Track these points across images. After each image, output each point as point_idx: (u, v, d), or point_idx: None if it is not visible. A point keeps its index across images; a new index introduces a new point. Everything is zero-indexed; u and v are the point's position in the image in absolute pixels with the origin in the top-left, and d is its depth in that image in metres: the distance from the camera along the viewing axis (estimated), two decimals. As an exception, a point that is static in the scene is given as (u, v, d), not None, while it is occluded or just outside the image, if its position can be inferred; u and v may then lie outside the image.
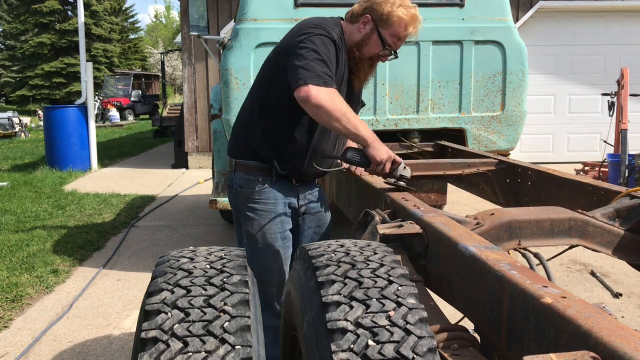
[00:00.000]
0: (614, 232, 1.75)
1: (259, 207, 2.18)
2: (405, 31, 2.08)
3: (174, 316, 1.09)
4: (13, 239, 5.28)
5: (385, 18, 2.05)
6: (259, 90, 2.20)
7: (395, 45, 2.11)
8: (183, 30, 9.56)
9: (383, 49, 2.09)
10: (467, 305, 1.36)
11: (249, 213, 2.19)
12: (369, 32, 2.09)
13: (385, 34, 2.08)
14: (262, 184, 2.17)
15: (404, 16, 2.04)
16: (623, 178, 5.86)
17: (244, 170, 2.21)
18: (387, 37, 2.08)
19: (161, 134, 16.21)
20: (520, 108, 3.90)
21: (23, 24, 29.74)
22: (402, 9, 2.05)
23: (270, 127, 2.14)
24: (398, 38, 2.10)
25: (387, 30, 2.08)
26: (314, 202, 2.33)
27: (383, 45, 2.09)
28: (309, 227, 2.34)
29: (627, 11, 9.51)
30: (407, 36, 2.11)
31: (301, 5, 3.67)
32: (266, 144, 2.15)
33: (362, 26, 2.10)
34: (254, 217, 2.19)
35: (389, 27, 2.07)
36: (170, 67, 32.72)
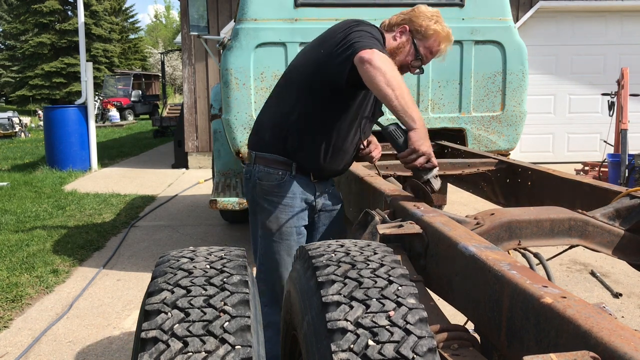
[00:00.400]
0: (614, 232, 1.75)
1: (276, 200, 2.19)
2: (439, 46, 2.17)
3: (174, 316, 1.09)
4: (13, 239, 5.28)
5: (423, 31, 2.15)
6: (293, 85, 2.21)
7: (426, 58, 2.19)
8: (183, 30, 9.56)
9: (415, 59, 2.17)
10: (467, 305, 1.36)
11: (266, 205, 2.20)
12: (404, 41, 2.17)
13: (420, 46, 2.16)
14: (281, 177, 2.18)
15: (440, 31, 2.14)
16: (623, 178, 5.86)
17: (263, 162, 2.21)
18: (421, 49, 2.17)
19: (161, 134, 16.22)
20: (520, 108, 3.90)
21: (23, 24, 29.74)
22: (439, 25, 2.16)
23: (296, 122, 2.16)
24: (430, 52, 2.18)
25: (422, 42, 2.16)
26: (330, 200, 2.34)
27: (416, 55, 2.16)
28: (324, 224, 2.35)
29: (627, 11, 9.51)
30: (439, 52, 2.19)
31: (301, 5, 3.67)
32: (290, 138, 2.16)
33: (399, 35, 2.17)
34: (271, 209, 2.20)
35: (425, 39, 2.16)
36: (170, 67, 32.72)
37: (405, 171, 2.72)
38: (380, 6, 3.79)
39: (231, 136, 3.69)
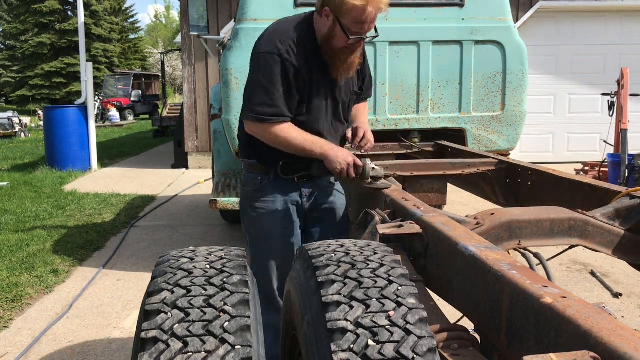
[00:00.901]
0: (614, 232, 1.75)
1: (257, 205, 2.23)
2: (365, 14, 1.93)
3: (174, 316, 1.09)
4: (13, 239, 5.28)
5: (340, 7, 1.94)
6: None
7: (362, 30, 1.99)
8: (183, 30, 9.56)
9: (348, 39, 1.99)
10: (467, 305, 1.36)
11: (249, 210, 2.26)
12: (331, 24, 1.99)
13: (347, 23, 1.96)
14: (260, 181, 2.22)
15: (357, 2, 1.91)
16: (623, 178, 5.86)
17: (247, 169, 2.29)
18: (350, 27, 1.97)
19: (161, 134, 16.21)
20: (520, 108, 3.90)
21: (23, 24, 29.74)
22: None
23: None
24: (362, 22, 1.97)
25: (346, 19, 1.95)
26: (323, 198, 2.31)
27: (347, 35, 1.98)
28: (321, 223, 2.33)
29: (627, 11, 9.51)
30: (370, 17, 1.96)
31: (301, 5, 3.67)
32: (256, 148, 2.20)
33: (326, 19, 2.01)
34: (253, 214, 2.25)
35: (347, 15, 1.94)
36: (170, 67, 32.72)
37: (405, 171, 2.72)
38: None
39: (231, 136, 3.69)
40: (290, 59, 2.01)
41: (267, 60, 2.01)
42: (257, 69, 2.06)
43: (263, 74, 2.03)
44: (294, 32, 2.06)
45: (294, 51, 2.03)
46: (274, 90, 2.01)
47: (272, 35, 2.07)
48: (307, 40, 2.06)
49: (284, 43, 2.02)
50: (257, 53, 2.07)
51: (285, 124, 2.06)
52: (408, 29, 3.74)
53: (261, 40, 2.10)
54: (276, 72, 2.00)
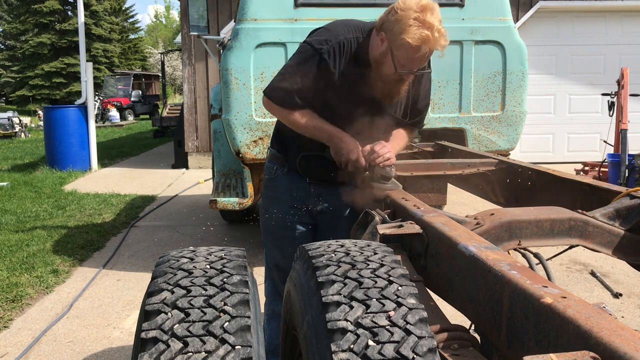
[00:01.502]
0: (614, 232, 1.75)
1: (268, 193, 2.35)
2: (418, 53, 1.87)
3: (174, 316, 1.09)
4: (13, 239, 5.28)
5: (396, 41, 1.87)
6: None
7: (413, 65, 1.93)
8: (183, 30, 9.56)
9: (395, 72, 1.93)
10: (467, 305, 1.36)
11: (263, 198, 2.39)
12: (384, 50, 1.93)
13: (398, 55, 1.90)
14: (275, 172, 2.31)
15: (411, 41, 1.83)
16: (623, 178, 5.86)
17: (268, 157, 2.38)
18: (401, 59, 1.90)
19: (161, 134, 16.21)
20: (520, 108, 3.90)
21: (23, 24, 29.75)
22: (413, 29, 1.83)
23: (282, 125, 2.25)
24: (413, 60, 1.91)
25: (399, 52, 1.89)
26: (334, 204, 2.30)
27: (395, 67, 1.92)
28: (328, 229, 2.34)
29: (627, 11, 9.51)
30: (423, 56, 1.90)
31: (301, 5, 3.67)
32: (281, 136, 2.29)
33: (380, 43, 1.95)
34: (265, 201, 2.37)
35: (401, 49, 1.88)
36: (170, 67, 32.72)
37: (405, 171, 2.72)
38: (380, 6, 3.78)
39: (231, 136, 3.69)
40: (329, 61, 2.00)
41: (307, 53, 2.03)
42: (293, 57, 2.10)
43: (296, 64, 2.06)
44: (346, 38, 2.03)
45: (335, 56, 2.01)
46: (300, 82, 2.03)
47: (325, 32, 2.07)
48: (355, 51, 2.03)
49: (329, 43, 2.01)
50: (305, 41, 2.09)
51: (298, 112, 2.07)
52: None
53: (316, 31, 2.11)
54: (308, 67, 2.02)
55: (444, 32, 1.88)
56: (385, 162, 1.99)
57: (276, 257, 2.33)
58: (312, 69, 2.02)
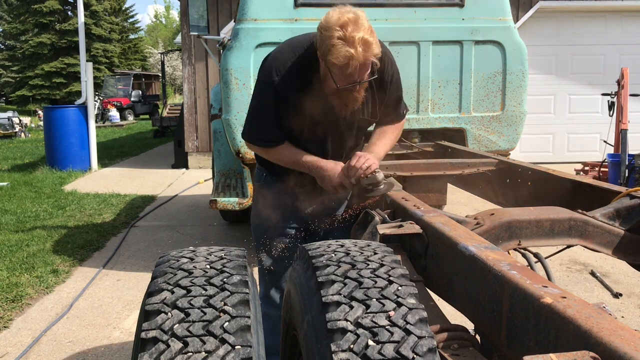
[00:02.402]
0: (614, 232, 1.75)
1: (259, 198, 2.38)
2: (349, 69, 1.82)
3: (174, 316, 1.09)
4: (13, 239, 5.28)
5: (326, 57, 1.85)
6: None
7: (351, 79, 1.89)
8: (183, 30, 9.56)
9: (337, 87, 1.91)
10: (467, 305, 1.36)
11: (253, 203, 2.44)
12: (324, 68, 1.93)
13: (335, 74, 1.88)
14: (265, 177, 2.35)
15: (337, 62, 1.80)
16: (623, 178, 5.86)
17: (258, 163, 2.42)
18: (337, 77, 1.88)
19: (161, 134, 16.21)
20: (520, 108, 3.90)
21: (23, 24, 29.75)
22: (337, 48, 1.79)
23: None
24: (349, 75, 1.86)
25: (333, 70, 1.88)
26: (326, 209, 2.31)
27: (336, 84, 1.90)
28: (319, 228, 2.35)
29: (627, 11, 9.51)
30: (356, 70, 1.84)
31: (301, 5, 3.67)
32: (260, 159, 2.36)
33: (321, 60, 1.93)
34: (255, 207, 2.41)
35: (333, 69, 1.86)
36: (170, 67, 32.71)
37: (405, 171, 2.72)
38: (380, 6, 3.79)
39: (231, 136, 3.69)
40: (284, 89, 2.02)
41: (262, 89, 2.10)
42: (254, 96, 2.17)
43: (258, 102, 2.13)
44: (293, 62, 2.03)
45: (287, 83, 2.02)
46: (267, 118, 2.10)
47: (271, 63, 2.07)
48: (306, 70, 2.02)
49: (279, 73, 2.02)
50: (258, 78, 2.15)
51: (280, 146, 2.12)
52: (408, 29, 3.74)
53: (263, 64, 2.13)
54: (268, 102, 2.07)
55: (372, 40, 1.82)
56: (366, 172, 1.97)
57: (267, 261, 2.35)
58: (272, 100, 2.06)
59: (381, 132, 2.25)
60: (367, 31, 1.82)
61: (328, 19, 1.84)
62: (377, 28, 3.85)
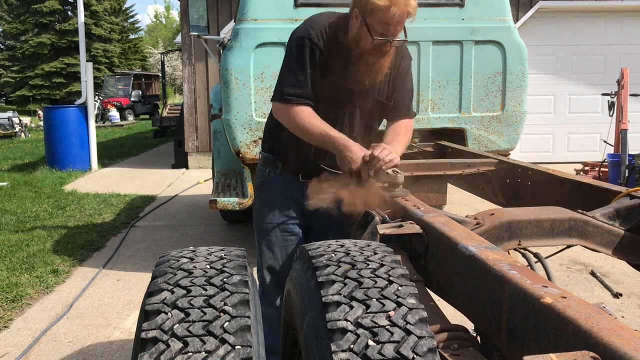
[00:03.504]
0: (614, 232, 1.75)
1: (261, 196, 2.36)
2: (388, 14, 1.92)
3: (174, 316, 1.09)
4: (13, 239, 5.28)
5: (366, 6, 1.95)
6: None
7: (387, 31, 1.97)
8: (183, 30, 9.56)
9: (373, 39, 1.98)
10: (467, 305, 1.36)
11: (256, 201, 2.41)
12: (359, 25, 2.00)
13: (372, 23, 1.96)
14: (267, 174, 2.33)
15: (380, 3, 1.90)
16: (623, 178, 5.86)
17: (260, 161, 2.41)
18: (375, 26, 1.96)
19: (161, 134, 16.22)
20: (520, 108, 3.90)
21: (23, 24, 29.75)
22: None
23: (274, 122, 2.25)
24: (387, 24, 1.95)
25: (372, 19, 1.96)
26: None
27: (371, 35, 1.98)
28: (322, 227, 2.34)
29: (627, 11, 9.51)
30: (395, 19, 1.94)
31: (301, 5, 3.67)
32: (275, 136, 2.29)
33: (355, 20, 2.03)
34: (257, 204, 2.39)
35: (372, 15, 1.95)
36: (170, 67, 32.71)
37: (405, 171, 2.71)
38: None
39: (231, 136, 3.69)
40: (319, 43, 2.07)
41: (298, 44, 2.09)
42: (289, 52, 2.14)
43: (293, 57, 2.10)
44: (328, 23, 2.11)
45: (324, 38, 2.08)
46: (302, 72, 2.08)
47: (307, 22, 2.15)
48: (339, 35, 2.10)
49: (315, 29, 2.09)
50: (291, 37, 2.15)
51: (308, 108, 2.09)
52: (408, 29, 3.73)
53: (298, 27, 2.17)
54: (305, 55, 2.07)
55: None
56: (387, 164, 1.95)
57: (269, 260, 2.34)
58: (307, 56, 2.07)
59: (394, 132, 2.23)
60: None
61: None
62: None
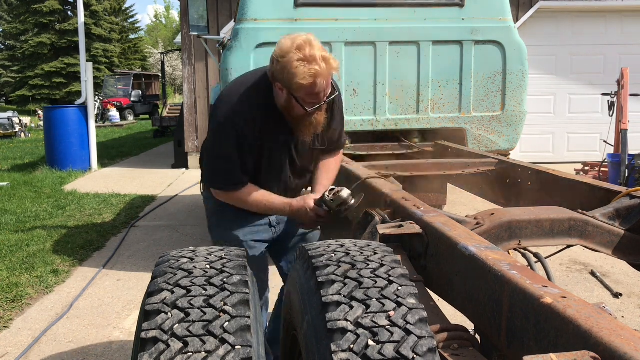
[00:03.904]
0: (614, 232, 1.75)
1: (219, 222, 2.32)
2: (316, 88, 1.90)
3: (174, 316, 1.09)
4: (13, 239, 5.28)
5: (292, 86, 1.90)
6: None
7: (319, 99, 1.96)
8: (183, 30, 9.56)
9: (306, 111, 1.96)
10: (467, 305, 1.36)
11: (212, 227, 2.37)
12: (287, 97, 1.96)
13: (302, 97, 1.94)
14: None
15: (305, 82, 1.86)
16: (623, 178, 5.86)
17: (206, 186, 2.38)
18: (305, 99, 1.94)
19: (161, 134, 16.21)
20: (520, 108, 3.90)
21: (23, 24, 29.74)
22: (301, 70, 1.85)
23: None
24: (317, 94, 1.93)
25: (299, 94, 1.93)
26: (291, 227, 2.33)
27: (304, 108, 1.96)
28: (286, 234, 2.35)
29: (627, 11, 9.51)
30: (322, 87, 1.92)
31: (301, 5, 3.67)
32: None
33: (281, 92, 1.98)
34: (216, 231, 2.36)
35: (300, 92, 1.92)
36: (170, 67, 32.71)
37: (405, 171, 2.72)
38: (380, 6, 3.79)
39: (231, 136, 3.69)
40: (245, 129, 2.02)
41: (223, 133, 2.04)
42: (214, 141, 2.10)
43: (220, 146, 2.08)
44: (248, 99, 2.05)
45: (247, 121, 2.03)
46: (231, 160, 2.06)
47: (228, 104, 2.07)
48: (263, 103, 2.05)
49: (237, 114, 2.03)
50: (214, 123, 2.09)
51: (245, 188, 2.10)
52: (408, 29, 3.74)
53: (218, 106, 2.10)
54: (232, 144, 2.03)
55: (329, 56, 1.91)
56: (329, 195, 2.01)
57: None
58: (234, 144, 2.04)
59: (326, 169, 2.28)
60: (322, 49, 1.90)
61: (282, 47, 1.90)
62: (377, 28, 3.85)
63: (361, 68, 3.74)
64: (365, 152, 3.74)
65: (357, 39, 3.70)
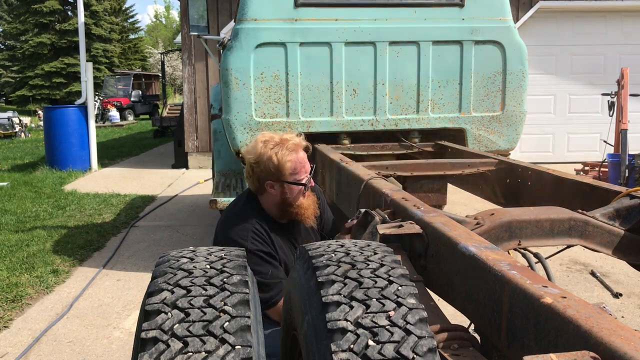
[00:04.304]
0: (614, 232, 1.75)
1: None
2: (298, 159, 2.10)
3: (174, 316, 1.09)
4: (13, 239, 5.28)
5: (282, 172, 2.07)
6: None
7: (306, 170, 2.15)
8: (183, 30, 9.56)
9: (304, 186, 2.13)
10: (467, 305, 1.36)
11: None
12: (280, 190, 2.11)
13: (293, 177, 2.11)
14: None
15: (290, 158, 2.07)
16: (623, 178, 5.86)
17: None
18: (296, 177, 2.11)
19: (161, 134, 16.21)
20: (520, 108, 3.90)
21: (23, 24, 29.74)
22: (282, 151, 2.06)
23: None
24: (302, 166, 2.12)
25: (290, 175, 2.10)
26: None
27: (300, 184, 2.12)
28: None
29: (627, 11, 9.51)
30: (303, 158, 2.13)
31: (301, 5, 3.67)
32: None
33: (272, 190, 2.12)
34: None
35: (290, 175, 2.09)
36: (170, 67, 32.71)
37: (405, 171, 2.72)
38: (380, 6, 3.78)
39: (231, 136, 3.69)
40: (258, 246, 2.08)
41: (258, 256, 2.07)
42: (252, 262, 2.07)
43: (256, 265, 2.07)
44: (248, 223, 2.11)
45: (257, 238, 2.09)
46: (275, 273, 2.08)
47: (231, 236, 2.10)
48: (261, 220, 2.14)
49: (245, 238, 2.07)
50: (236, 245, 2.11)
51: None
52: (408, 29, 3.74)
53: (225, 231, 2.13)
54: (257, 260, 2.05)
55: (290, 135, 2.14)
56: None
57: None
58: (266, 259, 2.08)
59: None
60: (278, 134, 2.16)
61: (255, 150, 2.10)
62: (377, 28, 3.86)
63: (361, 68, 3.74)
64: (365, 152, 3.74)
65: (357, 39, 3.70)
